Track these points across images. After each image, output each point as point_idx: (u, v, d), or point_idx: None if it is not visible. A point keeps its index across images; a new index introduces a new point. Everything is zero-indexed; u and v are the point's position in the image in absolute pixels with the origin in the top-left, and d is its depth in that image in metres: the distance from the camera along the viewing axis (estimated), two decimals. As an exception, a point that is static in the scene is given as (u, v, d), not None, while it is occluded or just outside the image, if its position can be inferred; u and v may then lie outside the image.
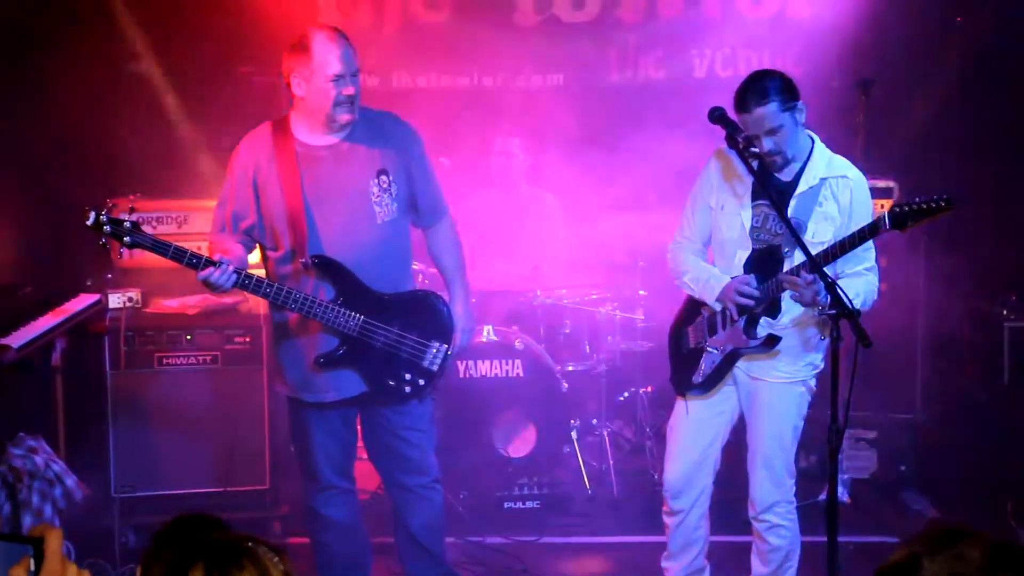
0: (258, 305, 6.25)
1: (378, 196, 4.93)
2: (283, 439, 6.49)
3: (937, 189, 4.50)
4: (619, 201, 7.50)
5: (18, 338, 5.08)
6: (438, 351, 5.06)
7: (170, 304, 6.49)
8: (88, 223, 4.59)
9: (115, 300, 6.30)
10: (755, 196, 4.98)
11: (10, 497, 4.96)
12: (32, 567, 2.18)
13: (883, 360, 6.60)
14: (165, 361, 6.35)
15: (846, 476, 6.82)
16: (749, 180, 4.96)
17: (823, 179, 4.91)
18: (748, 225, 4.98)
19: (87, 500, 5.37)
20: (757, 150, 4.76)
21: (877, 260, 5.01)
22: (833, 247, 4.67)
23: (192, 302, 6.47)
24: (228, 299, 6.28)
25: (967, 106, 7.77)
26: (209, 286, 4.71)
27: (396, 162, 4.98)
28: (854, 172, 5.00)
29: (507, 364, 6.88)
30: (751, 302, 4.87)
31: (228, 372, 6.37)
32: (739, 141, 4.71)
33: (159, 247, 4.66)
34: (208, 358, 6.38)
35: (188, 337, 6.38)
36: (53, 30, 6.28)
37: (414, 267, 5.63)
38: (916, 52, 7.82)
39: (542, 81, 8.42)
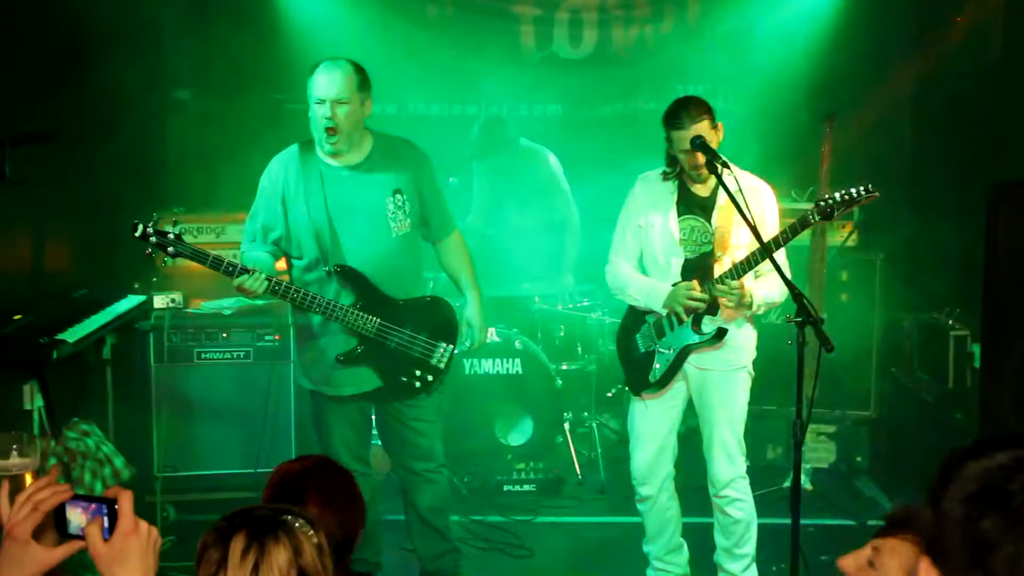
0: (285, 307, 6.28)
1: (393, 212, 4.96)
2: (307, 426, 6.53)
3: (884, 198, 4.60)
4: (610, 216, 7.50)
5: (74, 334, 5.10)
6: (445, 350, 5.11)
7: (208, 305, 6.53)
8: (136, 235, 4.63)
9: (159, 301, 6.33)
10: (680, 211, 5.04)
11: (65, 475, 4.99)
12: (106, 524, 2.22)
13: (843, 364, 6.64)
14: (203, 356, 6.38)
15: (808, 466, 6.84)
16: (673, 199, 5.02)
17: (737, 191, 4.94)
18: (678, 237, 5.03)
19: (133, 478, 5.40)
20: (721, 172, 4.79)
21: (839, 274, 5.05)
22: (771, 242, 4.71)
23: (227, 304, 6.50)
24: (259, 301, 6.30)
25: (922, 134, 7.81)
26: (242, 291, 4.75)
27: (409, 183, 5.02)
28: (761, 183, 5.08)
29: (508, 362, 6.91)
30: (702, 304, 4.90)
31: (259, 366, 6.40)
32: (717, 165, 4.76)
33: (199, 256, 4.70)
34: (242, 354, 6.42)
35: (224, 335, 6.41)
36: (110, 54, 6.31)
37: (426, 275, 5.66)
38: (878, 84, 7.85)
39: (543, 110, 8.46)
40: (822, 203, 4.65)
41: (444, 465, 5.32)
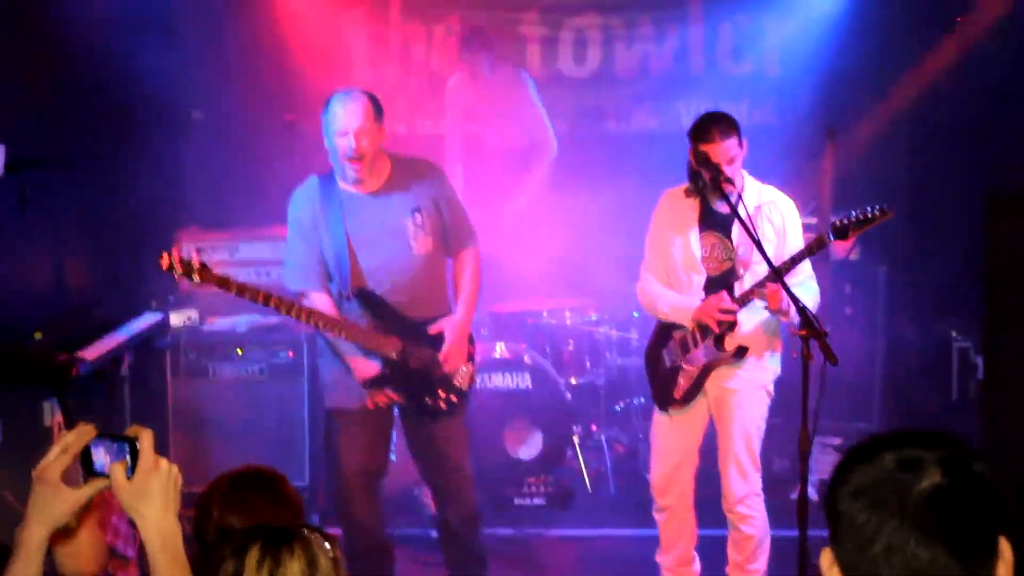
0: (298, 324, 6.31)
1: (414, 232, 4.99)
2: (321, 442, 6.55)
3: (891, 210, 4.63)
4: (616, 235, 7.54)
5: (93, 352, 5.15)
6: (467, 371, 5.13)
7: (223, 323, 6.57)
8: (162, 263, 4.68)
9: (176, 319, 6.37)
10: (702, 228, 5.05)
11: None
12: (129, 462, 2.26)
13: (847, 376, 6.64)
14: (218, 373, 6.42)
15: (815, 477, 6.83)
16: (695, 216, 5.03)
17: (757, 206, 4.98)
18: (699, 254, 5.04)
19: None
20: (725, 188, 4.81)
21: (843, 287, 5.07)
22: (787, 262, 4.75)
23: (242, 321, 6.54)
24: (274, 318, 6.34)
25: (923, 145, 7.84)
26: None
27: (428, 200, 5.04)
28: (781, 196, 5.10)
29: (517, 377, 6.90)
30: (733, 316, 4.91)
31: (274, 382, 6.43)
32: (720, 181, 4.79)
33: (224, 285, 4.74)
34: (256, 370, 6.45)
35: (239, 352, 6.44)
36: (124, 75, 6.37)
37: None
38: (879, 100, 7.87)
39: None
40: (837, 223, 4.68)
41: (471, 478, 5.29)
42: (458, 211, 5.22)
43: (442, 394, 5.08)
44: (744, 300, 4.88)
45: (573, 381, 7.33)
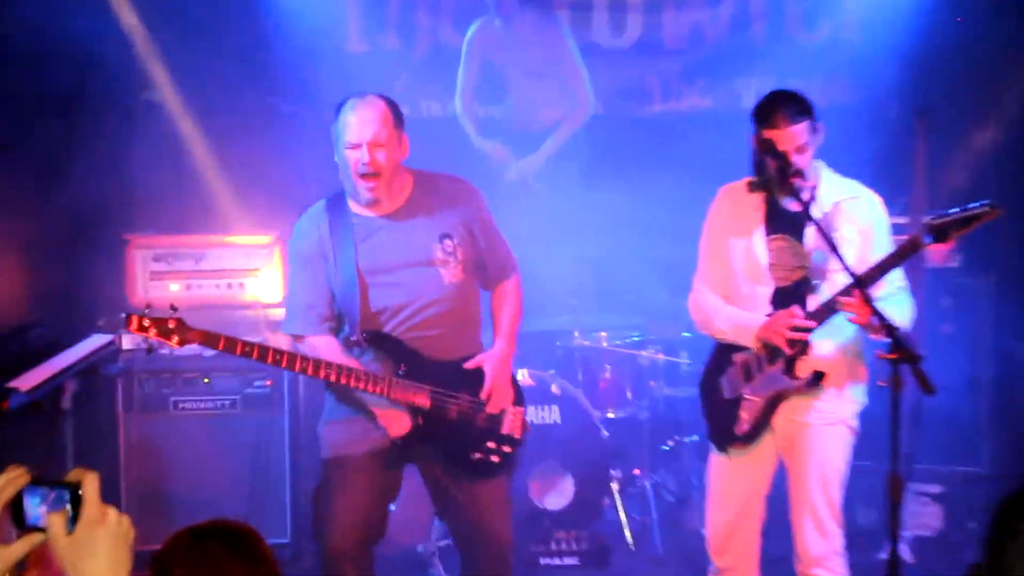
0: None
1: (443, 260, 4.96)
2: (305, 490, 6.51)
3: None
4: (661, 238, 7.50)
5: (27, 381, 5.12)
6: (515, 414, 5.07)
7: (187, 345, 6.52)
8: (131, 328, 4.63)
9: (129, 341, 6.35)
10: (769, 230, 5.00)
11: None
12: (70, 513, 2.25)
13: (948, 408, 6.57)
14: (181, 405, 6.41)
15: (909, 533, 6.77)
16: (759, 215, 4.99)
17: (836, 203, 4.92)
18: (764, 261, 4.99)
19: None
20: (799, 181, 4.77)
21: (940, 301, 5.01)
22: (873, 269, 4.68)
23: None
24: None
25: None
26: None
27: (460, 225, 5.02)
28: (866, 192, 5.04)
29: (543, 410, 6.88)
30: (807, 335, 4.84)
31: (248, 417, 6.42)
32: (788, 173, 4.74)
33: (209, 341, 4.68)
34: (227, 402, 6.45)
35: (205, 380, 6.44)
36: (65, 56, 6.36)
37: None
38: (980, 76, 7.80)
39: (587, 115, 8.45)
40: (936, 222, 4.59)
41: (512, 544, 5.20)
42: (495, 236, 5.19)
43: (492, 445, 5.01)
44: (820, 315, 4.81)
45: (611, 415, 7.31)
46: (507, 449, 5.04)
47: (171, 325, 4.62)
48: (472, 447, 4.99)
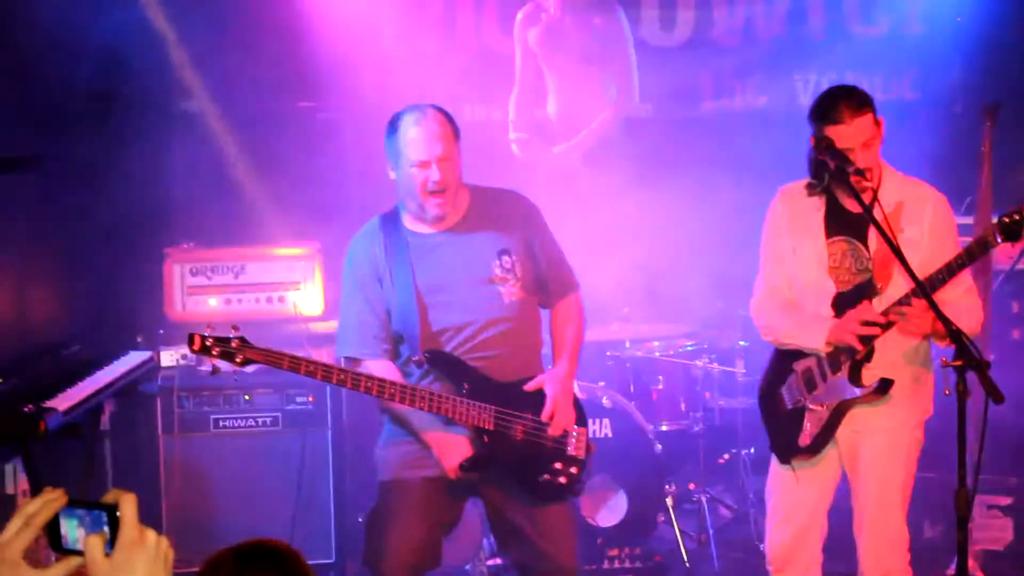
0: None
1: (502, 277, 4.98)
2: (351, 508, 6.55)
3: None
4: (714, 243, 7.50)
5: (64, 401, 5.15)
6: (579, 434, 5.07)
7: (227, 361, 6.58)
8: (194, 349, 4.66)
9: (168, 358, 6.41)
10: (830, 232, 4.99)
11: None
12: (108, 535, 2.24)
13: (1017, 417, 6.52)
14: (221, 424, 6.44)
15: (978, 548, 6.72)
16: (820, 216, 4.99)
17: (899, 203, 4.91)
18: (827, 265, 4.99)
19: None
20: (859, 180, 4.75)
21: (1009, 305, 4.98)
22: (940, 272, 4.67)
23: (250, 359, 6.54)
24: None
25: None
26: None
27: (519, 242, 5.05)
28: (931, 191, 5.02)
29: (594, 424, 6.85)
30: (879, 331, 4.81)
31: (290, 435, 6.43)
32: (848, 172, 4.72)
33: (272, 360, 4.70)
34: (268, 420, 6.47)
35: (246, 397, 6.46)
36: (100, 58, 6.43)
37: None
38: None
39: (630, 111, 8.46)
40: (1006, 219, 4.58)
41: (576, 571, 5.17)
42: (556, 253, 5.21)
43: (559, 467, 5.01)
44: (887, 319, 4.80)
45: (664, 428, 7.30)
46: (574, 470, 5.03)
47: (234, 345, 4.64)
48: (539, 469, 4.99)
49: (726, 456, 7.55)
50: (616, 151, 8.15)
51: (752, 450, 7.46)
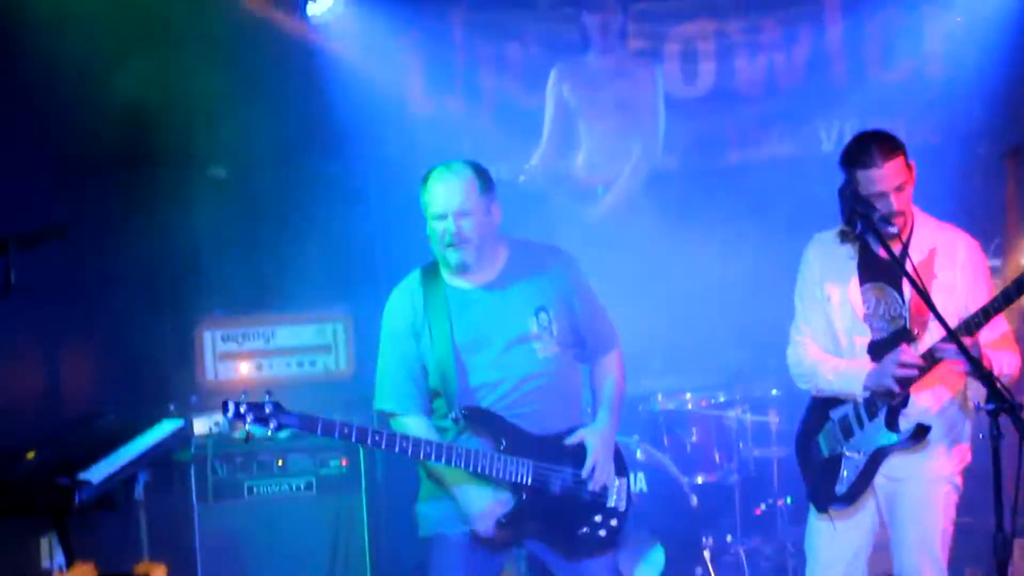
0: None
1: (538, 334, 4.96)
2: (387, 569, 6.51)
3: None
4: (743, 293, 7.47)
5: (98, 472, 5.13)
6: (620, 485, 5.05)
7: (259, 427, 6.56)
8: (229, 416, 4.67)
9: (201, 425, 6.42)
10: (863, 279, 4.97)
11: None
12: None
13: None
14: (256, 490, 6.43)
15: (1019, 592, 6.65)
16: (853, 264, 4.98)
17: (932, 249, 4.89)
18: (861, 312, 4.97)
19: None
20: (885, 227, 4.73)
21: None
22: (976, 316, 4.65)
23: (283, 423, 6.54)
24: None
25: None
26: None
27: (556, 298, 5.02)
28: (963, 236, 5.01)
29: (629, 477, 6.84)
30: (916, 372, 4.77)
31: (324, 499, 6.42)
32: (874, 219, 4.70)
33: (306, 424, 4.70)
34: (302, 485, 6.45)
35: (280, 462, 6.46)
36: (128, 126, 6.47)
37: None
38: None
39: (656, 164, 8.46)
40: None
41: None
42: (595, 309, 5.19)
43: (598, 519, 4.99)
44: (924, 363, 4.77)
45: (700, 480, 7.27)
46: (614, 523, 5.01)
47: (268, 411, 4.65)
48: (579, 522, 4.96)
49: (762, 507, 7.49)
50: (642, 203, 8.15)
51: (788, 500, 7.40)
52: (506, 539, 4.93)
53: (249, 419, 4.64)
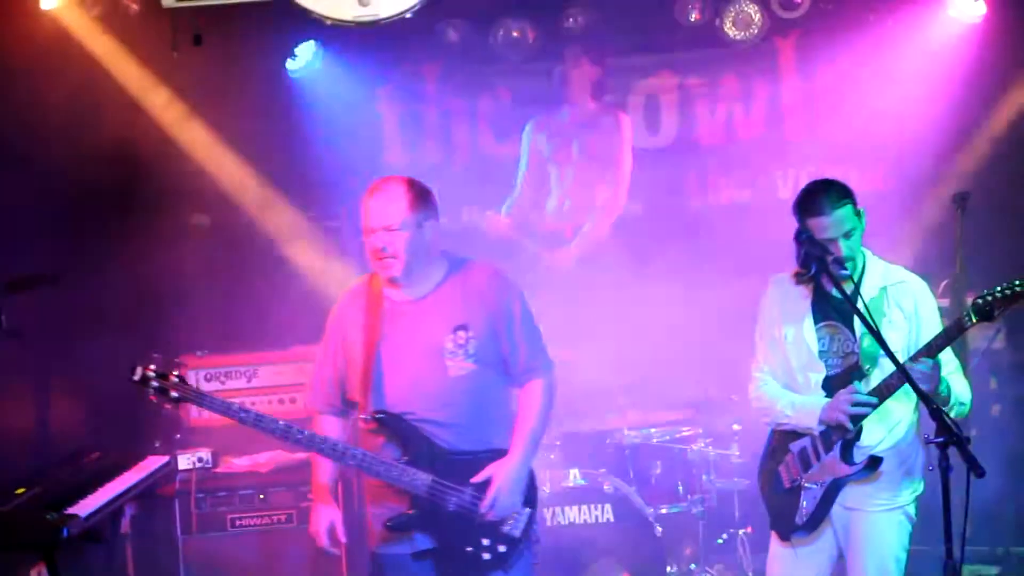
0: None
1: (452, 350, 4.88)
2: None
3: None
4: (708, 332, 7.48)
5: (86, 507, 5.13)
6: (519, 515, 4.93)
7: (241, 463, 6.56)
8: (135, 379, 4.68)
9: (184, 461, 6.39)
10: (817, 318, 5.01)
11: None
12: None
13: (999, 490, 6.47)
14: (238, 523, 6.42)
15: (969, 617, 6.66)
16: (807, 303, 5.01)
17: (882, 288, 4.93)
18: (816, 349, 5.01)
19: None
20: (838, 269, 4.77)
21: (987, 382, 4.97)
22: (920, 352, 4.69)
23: (263, 459, 6.53)
24: (300, 454, 6.31)
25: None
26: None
27: (480, 317, 4.92)
28: (912, 277, 5.05)
29: (596, 509, 6.83)
30: (868, 410, 4.80)
31: (305, 531, 6.36)
32: (828, 262, 4.73)
33: (204, 401, 4.73)
34: (283, 517, 6.43)
35: (261, 496, 6.45)
36: (114, 178, 6.46)
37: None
38: (1015, 163, 7.79)
39: (622, 210, 8.48)
40: (980, 301, 4.61)
41: None
42: (525, 335, 5.02)
43: (485, 542, 4.89)
44: (877, 397, 4.81)
45: (664, 511, 7.23)
46: (502, 548, 4.89)
47: (173, 380, 4.69)
48: (466, 541, 4.87)
49: (724, 536, 7.46)
50: (608, 246, 8.18)
51: (750, 529, 7.39)
52: (399, 540, 4.88)
53: (154, 385, 4.66)
